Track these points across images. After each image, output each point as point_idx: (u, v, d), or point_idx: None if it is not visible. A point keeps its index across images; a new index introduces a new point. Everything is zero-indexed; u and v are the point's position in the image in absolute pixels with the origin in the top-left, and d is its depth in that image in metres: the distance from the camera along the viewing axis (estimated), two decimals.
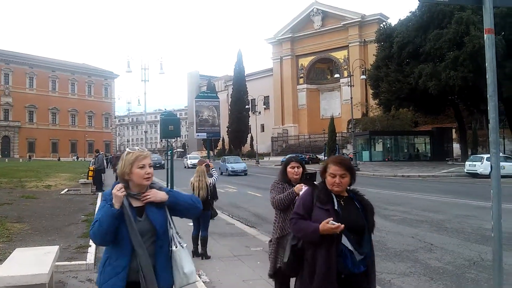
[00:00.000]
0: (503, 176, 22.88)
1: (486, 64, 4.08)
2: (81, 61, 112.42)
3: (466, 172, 27.51)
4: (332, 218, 2.85)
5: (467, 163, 28.45)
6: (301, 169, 4.39)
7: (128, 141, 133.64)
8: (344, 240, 2.90)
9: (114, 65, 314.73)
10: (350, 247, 2.90)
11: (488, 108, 4.01)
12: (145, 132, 34.37)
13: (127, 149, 2.78)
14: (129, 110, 71.07)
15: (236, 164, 35.67)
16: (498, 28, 29.04)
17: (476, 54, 28.05)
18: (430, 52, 33.52)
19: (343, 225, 2.81)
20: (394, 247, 8.27)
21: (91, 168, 20.68)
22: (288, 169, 4.38)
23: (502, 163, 24.55)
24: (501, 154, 28.06)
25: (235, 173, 33.72)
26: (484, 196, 13.26)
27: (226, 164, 35.48)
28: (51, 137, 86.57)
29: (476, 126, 45.95)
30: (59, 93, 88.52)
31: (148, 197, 2.70)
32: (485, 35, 4.15)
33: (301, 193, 3.96)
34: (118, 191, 2.62)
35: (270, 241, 4.48)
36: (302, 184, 4.14)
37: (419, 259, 7.41)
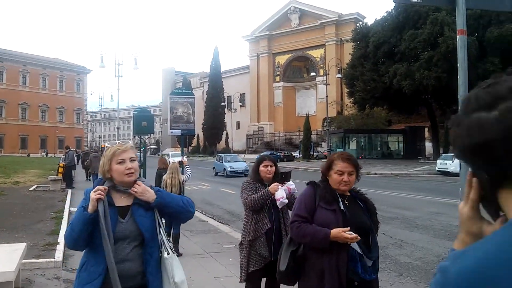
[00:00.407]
0: None
1: (458, 64, 4.13)
2: (53, 56, 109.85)
3: (438, 170, 28.05)
4: (349, 228, 2.65)
5: (438, 161, 29.00)
6: (274, 168, 4.18)
7: (100, 137, 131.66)
8: (354, 244, 2.72)
9: (87, 60, 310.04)
10: (359, 251, 2.74)
11: (459, 109, 4.04)
12: (118, 128, 33.83)
13: (106, 145, 2.72)
14: (101, 106, 69.98)
15: (236, 163, 30.03)
16: (472, 29, 29.72)
17: (449, 54, 28.63)
18: (405, 52, 34.06)
19: (359, 237, 2.64)
20: None
21: (61, 164, 20.29)
22: (261, 168, 4.17)
23: None
24: None
25: (234, 174, 28.04)
26: (454, 194, 13.51)
27: (224, 163, 29.91)
28: (20, 132, 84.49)
29: (448, 125, 46.87)
30: (29, 87, 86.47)
31: (136, 190, 2.47)
32: (457, 36, 4.21)
33: (277, 193, 3.90)
34: (95, 193, 2.40)
35: (241, 244, 4.19)
36: (277, 184, 3.96)
37: (389, 255, 7.49)
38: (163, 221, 2.72)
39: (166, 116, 70.29)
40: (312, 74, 56.40)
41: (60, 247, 7.44)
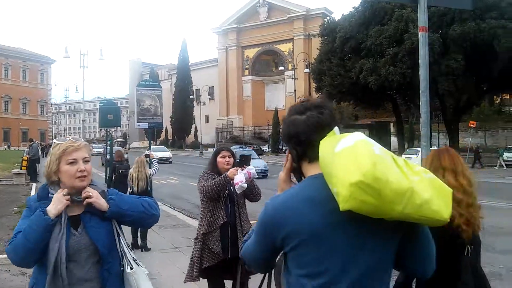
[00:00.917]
0: None
1: (420, 60, 4.26)
2: (16, 45, 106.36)
3: None
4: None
5: (403, 155, 29.67)
6: (232, 159, 4.04)
7: (65, 129, 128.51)
8: None
9: (52, 50, 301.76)
10: None
11: (420, 103, 4.18)
12: (83, 121, 33.15)
13: (54, 141, 2.16)
14: (66, 97, 68.34)
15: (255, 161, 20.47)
16: (436, 26, 30.42)
17: (414, 51, 29.12)
18: (371, 47, 34.54)
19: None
20: None
21: (25, 157, 19.81)
22: (219, 159, 4.03)
23: None
24: (434, 148, 29.49)
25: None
26: None
27: None
28: None
29: (412, 120, 47.99)
30: None
31: (90, 198, 2.08)
32: (419, 33, 4.32)
33: (236, 177, 3.75)
34: (63, 195, 2.04)
35: (196, 237, 3.97)
36: (236, 168, 3.84)
37: None
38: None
39: (133, 109, 69.32)
40: (281, 68, 56.68)
41: None
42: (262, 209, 1.51)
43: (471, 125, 33.53)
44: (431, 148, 3.93)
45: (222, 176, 3.81)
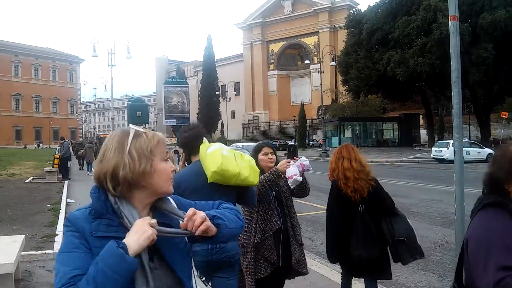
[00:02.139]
0: (468, 162, 23.46)
1: (451, 50, 4.14)
2: (44, 45, 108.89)
3: (433, 158, 28.19)
4: None
5: (433, 148, 29.14)
6: (274, 156, 3.61)
7: (94, 127, 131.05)
8: None
9: (80, 49, 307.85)
10: None
11: (452, 94, 4.08)
12: (112, 118, 33.41)
13: (131, 126, 1.46)
14: (95, 96, 69.46)
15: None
16: (465, 15, 29.69)
17: (443, 41, 28.59)
18: (398, 39, 34.00)
19: None
20: None
21: (57, 156, 20.25)
22: (261, 156, 3.57)
23: (467, 149, 25.28)
24: (466, 140, 28.95)
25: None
26: (450, 181, 13.62)
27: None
28: (14, 124, 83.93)
29: (442, 112, 47.06)
30: (22, 78, 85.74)
31: (202, 225, 1.39)
32: (449, 22, 4.21)
33: (288, 171, 3.36)
34: (149, 223, 1.33)
35: (243, 246, 3.44)
36: (287, 160, 3.43)
37: None
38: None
39: (160, 106, 70.11)
40: (306, 62, 56.14)
41: (59, 239, 7.46)
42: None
43: (503, 116, 32.63)
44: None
45: (272, 170, 3.43)
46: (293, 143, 3.46)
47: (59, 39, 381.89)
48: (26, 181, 18.06)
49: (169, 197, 1.52)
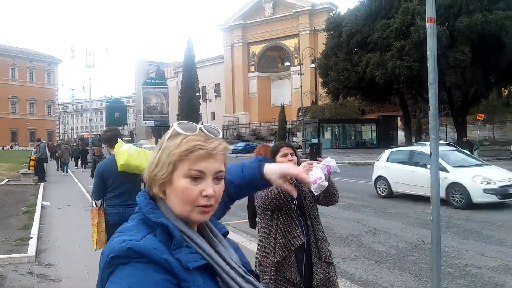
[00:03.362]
0: None
1: (428, 52, 4.17)
2: (22, 46, 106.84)
3: None
4: None
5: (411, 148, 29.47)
6: (295, 157, 3.03)
7: (72, 129, 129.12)
8: None
9: (58, 50, 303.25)
10: None
11: (429, 96, 4.10)
12: (90, 120, 33.07)
13: (175, 125, 1.15)
14: (73, 97, 68.52)
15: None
16: (443, 18, 30.17)
17: (421, 44, 28.93)
18: (377, 41, 34.35)
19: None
20: (340, 232, 8.46)
21: (33, 157, 19.90)
22: (279, 159, 2.99)
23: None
24: (442, 141, 29.36)
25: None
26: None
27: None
28: None
29: (420, 114, 47.75)
30: None
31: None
32: (427, 24, 4.24)
33: (311, 174, 2.76)
34: None
35: (260, 265, 2.94)
36: (310, 162, 2.80)
37: (363, 243, 7.60)
38: None
39: (139, 107, 69.46)
40: (287, 64, 56.48)
41: (33, 242, 7.32)
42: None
43: (479, 118, 33.24)
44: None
45: (273, 188, 2.80)
46: (316, 141, 3.11)
47: (37, 40, 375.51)
48: (1, 183, 17.68)
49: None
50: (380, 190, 13.37)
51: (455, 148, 25.99)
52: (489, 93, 42.56)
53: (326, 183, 2.82)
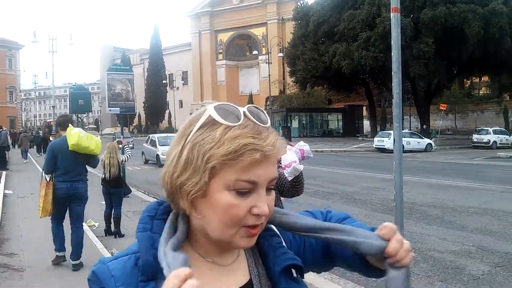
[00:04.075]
0: (409, 151, 24.42)
1: (392, 42, 4.26)
2: None
3: (375, 147, 29.13)
4: None
5: (375, 138, 30.09)
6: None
7: (35, 116, 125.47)
8: None
9: (19, 35, 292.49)
10: None
11: (393, 84, 4.20)
12: (53, 107, 32.12)
13: (208, 108, 0.78)
14: (35, 83, 66.50)
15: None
16: (408, 10, 30.70)
17: (386, 35, 29.36)
18: (344, 32, 34.67)
19: None
20: None
21: None
22: None
23: (407, 139, 26.32)
24: (406, 131, 30.09)
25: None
26: (390, 169, 14.14)
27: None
28: None
29: (385, 104, 48.66)
30: None
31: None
32: (391, 14, 4.32)
33: (284, 158, 2.75)
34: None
35: None
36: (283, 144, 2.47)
37: None
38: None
39: (104, 94, 68.01)
40: (255, 52, 56.50)
41: None
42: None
43: (442, 108, 34.17)
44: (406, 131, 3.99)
45: None
46: (287, 125, 2.89)
47: None
48: None
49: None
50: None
51: (419, 138, 26.60)
52: (452, 84, 43.81)
53: (301, 167, 2.71)
